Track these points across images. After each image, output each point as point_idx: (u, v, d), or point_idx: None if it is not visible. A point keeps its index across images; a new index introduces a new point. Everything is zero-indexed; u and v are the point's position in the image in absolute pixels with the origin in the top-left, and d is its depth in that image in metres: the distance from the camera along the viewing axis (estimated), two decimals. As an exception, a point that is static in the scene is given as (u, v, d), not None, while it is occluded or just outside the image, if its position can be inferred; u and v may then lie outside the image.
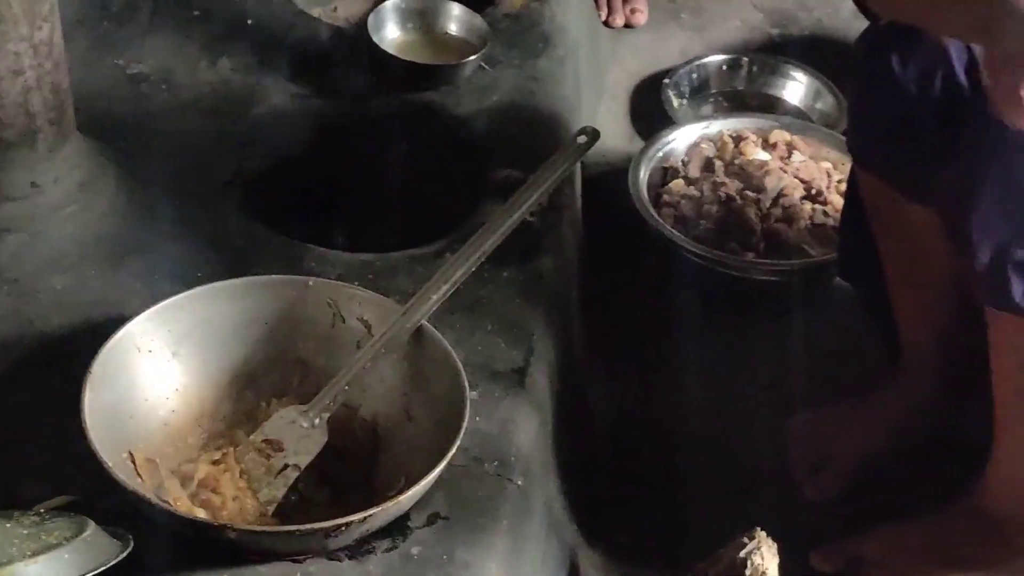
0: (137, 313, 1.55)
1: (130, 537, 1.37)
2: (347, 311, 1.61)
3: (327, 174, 2.09)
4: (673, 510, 1.93)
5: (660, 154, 2.35)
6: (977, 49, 1.53)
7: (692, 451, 2.01)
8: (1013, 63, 1.39)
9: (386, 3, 2.21)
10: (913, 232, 1.80)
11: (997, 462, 1.75)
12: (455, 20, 2.23)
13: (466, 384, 1.50)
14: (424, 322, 1.56)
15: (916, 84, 1.66)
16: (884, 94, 1.71)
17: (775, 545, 1.60)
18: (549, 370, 1.71)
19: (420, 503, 1.46)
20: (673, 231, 2.18)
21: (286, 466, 1.52)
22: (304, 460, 1.53)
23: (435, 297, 1.58)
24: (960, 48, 1.62)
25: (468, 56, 2.14)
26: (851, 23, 2.81)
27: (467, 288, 1.66)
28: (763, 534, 1.60)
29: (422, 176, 2.08)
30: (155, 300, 1.57)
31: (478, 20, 2.22)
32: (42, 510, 1.40)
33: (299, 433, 1.53)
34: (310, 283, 1.64)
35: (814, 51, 2.76)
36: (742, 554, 1.59)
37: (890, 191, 1.80)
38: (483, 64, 2.15)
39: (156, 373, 1.55)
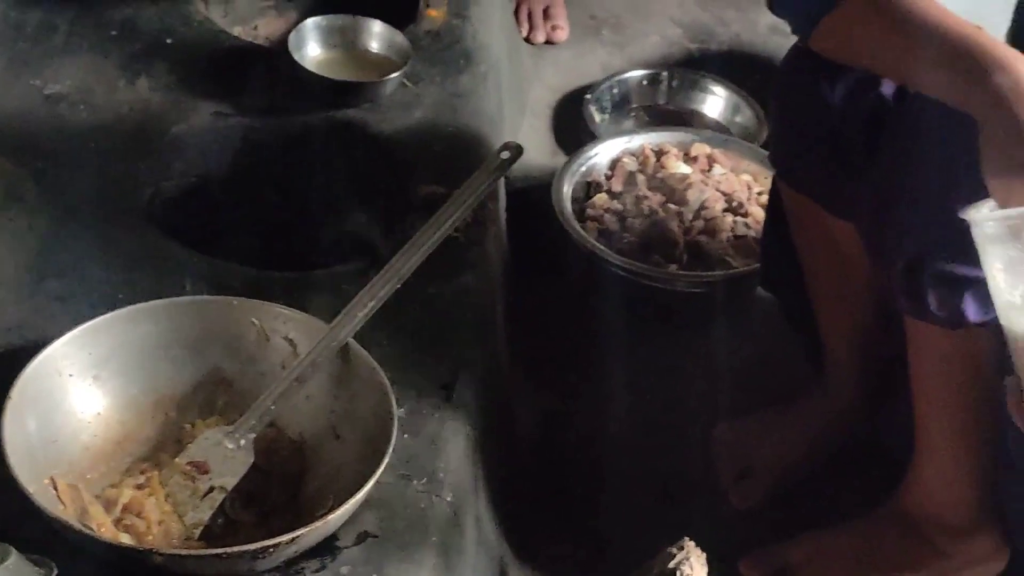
0: (57, 337, 1.53)
1: (53, 565, 1.35)
2: (272, 330, 1.60)
3: (249, 193, 2.08)
4: (601, 521, 1.93)
5: (583, 169, 2.36)
6: None
7: (619, 462, 2.02)
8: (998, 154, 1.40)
9: (307, 21, 2.20)
10: (835, 245, 1.82)
11: (918, 466, 1.77)
12: (376, 37, 2.22)
13: (393, 401, 1.50)
14: (350, 340, 1.56)
15: (843, 101, 1.67)
16: (809, 111, 1.72)
17: (704, 555, 1.61)
18: (476, 385, 1.71)
19: (349, 522, 1.46)
20: (597, 244, 2.19)
21: (212, 488, 1.51)
22: (230, 482, 1.51)
23: (361, 315, 1.58)
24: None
25: (390, 73, 2.13)
26: (768, 38, 2.85)
27: (392, 305, 1.65)
28: (691, 544, 1.61)
29: (346, 193, 2.08)
30: (75, 323, 1.55)
31: (399, 37, 2.22)
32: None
33: (225, 454, 1.52)
34: (234, 303, 1.62)
35: (733, 65, 2.79)
36: (671, 565, 1.59)
37: (812, 205, 1.81)
38: (405, 81, 2.15)
39: (77, 397, 1.53)
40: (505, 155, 1.77)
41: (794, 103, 1.77)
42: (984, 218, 1.37)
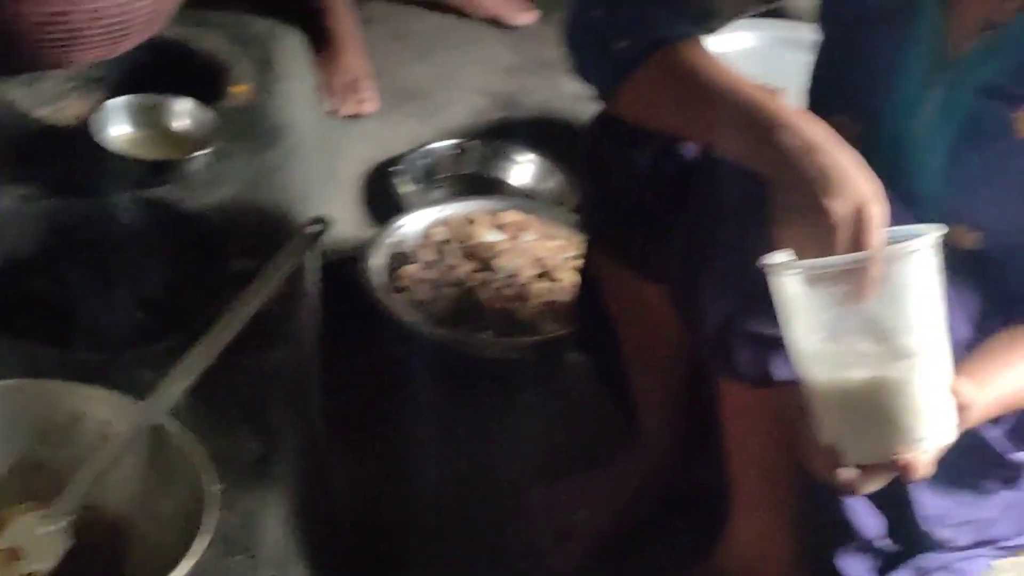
0: None
1: None
2: (84, 411, 1.58)
3: (60, 274, 2.06)
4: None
5: (393, 240, 2.38)
6: None
7: (439, 529, 2.03)
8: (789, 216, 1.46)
9: (113, 100, 2.20)
10: (646, 307, 1.84)
11: (733, 522, 1.80)
12: (183, 115, 2.22)
13: (209, 477, 1.50)
14: (165, 417, 1.55)
15: (648, 165, 1.70)
16: (615, 176, 1.74)
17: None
18: (292, 457, 1.71)
19: (169, 599, 1.45)
20: (409, 315, 2.21)
21: (29, 574, 1.49)
22: (47, 565, 1.49)
23: (175, 391, 1.57)
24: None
25: (197, 150, 2.13)
26: (573, 104, 2.90)
27: (207, 380, 1.65)
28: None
29: (157, 271, 2.07)
30: None
31: (206, 114, 2.22)
32: None
33: (41, 538, 1.50)
34: (46, 385, 1.61)
35: (540, 133, 2.83)
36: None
37: (624, 269, 1.83)
38: (213, 158, 2.15)
39: None
40: (313, 229, 1.79)
41: (601, 168, 1.79)
42: (780, 268, 1.42)
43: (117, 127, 2.18)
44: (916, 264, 1.41)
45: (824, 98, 1.79)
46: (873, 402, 1.43)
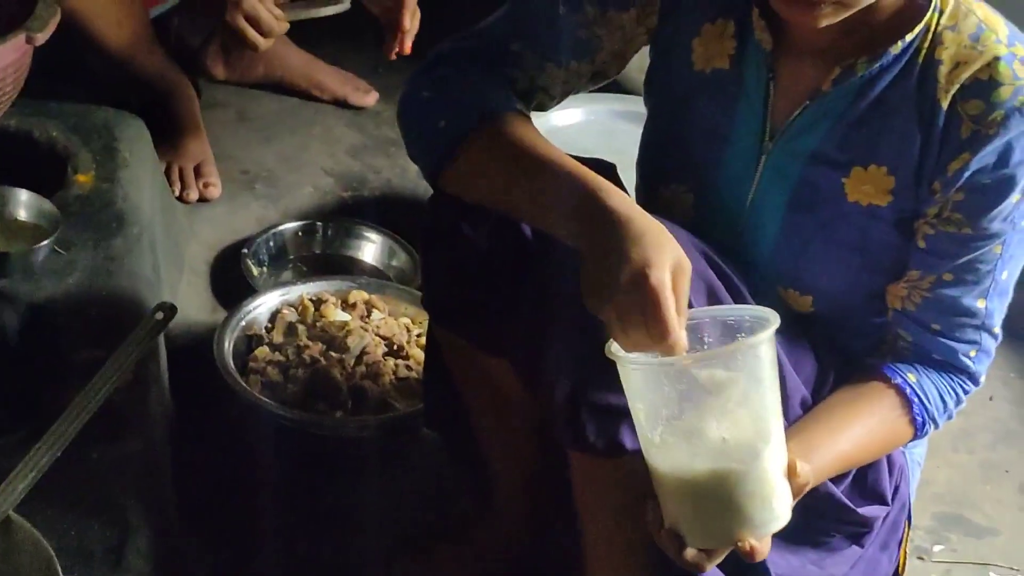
0: None
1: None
2: (-71, 511, 1.56)
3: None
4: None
5: (243, 323, 2.38)
6: None
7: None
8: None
9: (-49, 193, 2.18)
10: (492, 382, 1.86)
11: None
12: (23, 206, 2.20)
13: (59, 570, 1.49)
14: (11, 512, 1.54)
15: (487, 240, 1.71)
16: (455, 252, 1.76)
17: None
18: (145, 547, 1.70)
19: None
20: (261, 397, 2.21)
21: None
22: None
23: (21, 486, 1.57)
24: None
25: (40, 241, 2.12)
26: (419, 182, 2.93)
27: (56, 473, 1.64)
28: None
29: (0, 365, 2.04)
30: None
31: (47, 204, 2.20)
32: None
33: None
34: None
35: (386, 211, 2.86)
36: None
37: (467, 345, 1.85)
38: (56, 248, 2.13)
39: None
40: (160, 315, 1.79)
41: (440, 245, 1.80)
42: (625, 359, 1.45)
43: (-43, 220, 2.16)
44: (756, 357, 1.44)
45: (657, 169, 1.85)
46: (716, 492, 1.46)
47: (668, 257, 1.46)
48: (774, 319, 1.45)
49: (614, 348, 1.46)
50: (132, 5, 2.73)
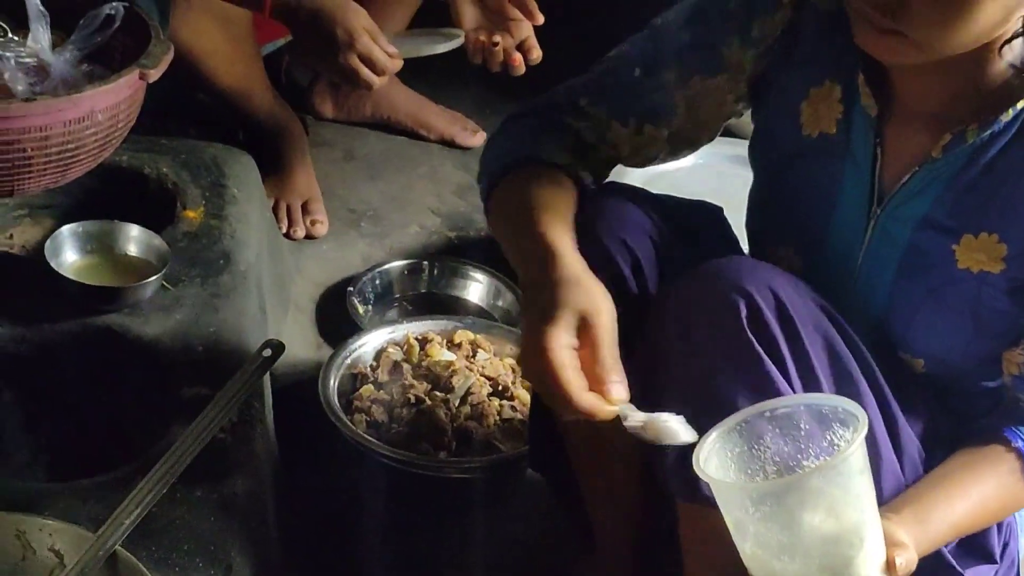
0: None
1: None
2: (37, 542, 1.58)
3: (9, 404, 2.05)
4: None
5: (349, 360, 2.38)
6: None
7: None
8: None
9: (63, 228, 2.20)
10: (596, 425, 1.85)
11: None
12: (134, 241, 2.23)
13: (164, 609, 1.49)
14: (118, 547, 1.55)
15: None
16: None
17: None
18: (249, 586, 1.70)
19: None
20: (366, 436, 2.20)
21: None
22: None
23: (128, 522, 1.57)
24: (623, 250, 1.71)
25: (148, 277, 2.13)
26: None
27: (161, 510, 1.65)
28: None
29: (108, 400, 2.06)
30: None
31: (157, 240, 2.22)
32: None
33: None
34: (-3, 516, 1.60)
35: (492, 251, 2.84)
36: None
37: None
38: (165, 283, 2.15)
39: None
40: (267, 353, 1.79)
41: None
42: (705, 476, 1.41)
43: (68, 254, 2.18)
44: (846, 469, 1.39)
45: (764, 231, 1.84)
46: None
47: (565, 317, 1.48)
48: (863, 420, 1.40)
49: (701, 461, 1.42)
50: (245, 43, 2.76)
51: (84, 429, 2.05)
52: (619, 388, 1.49)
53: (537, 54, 2.40)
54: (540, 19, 2.36)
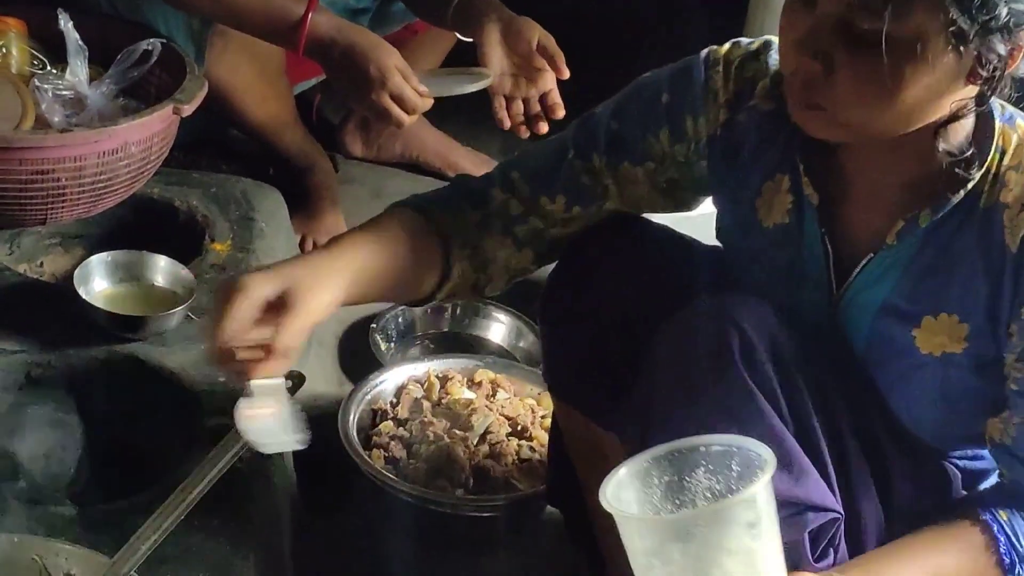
0: None
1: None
2: (54, 567, 1.59)
3: (32, 429, 2.07)
4: None
5: (369, 396, 2.39)
6: None
7: None
8: None
9: (93, 257, 2.23)
10: (605, 457, 1.83)
11: None
12: (161, 272, 2.25)
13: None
14: (133, 573, 1.55)
15: (603, 317, 1.75)
16: (572, 327, 1.80)
17: None
18: (262, 616, 1.71)
19: None
20: (384, 472, 2.22)
21: None
22: None
23: (144, 548, 1.57)
24: (637, 284, 1.74)
25: (175, 307, 2.16)
26: (549, 266, 2.93)
27: (177, 537, 1.65)
28: None
29: (130, 427, 2.08)
30: None
31: (183, 271, 2.25)
32: None
33: None
34: (14, 539, 1.61)
35: (515, 292, 2.84)
36: None
37: (583, 419, 1.87)
38: (190, 314, 2.18)
39: None
40: (288, 384, 1.80)
41: (558, 318, 1.85)
42: (611, 508, 1.36)
43: (97, 282, 2.21)
44: (724, 522, 1.33)
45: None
46: None
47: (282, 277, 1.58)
48: (770, 462, 1.34)
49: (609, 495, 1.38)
50: (277, 82, 2.79)
51: (106, 455, 2.06)
52: (273, 366, 1.57)
53: (560, 112, 2.42)
54: (566, 74, 2.39)
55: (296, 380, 1.81)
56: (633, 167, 1.79)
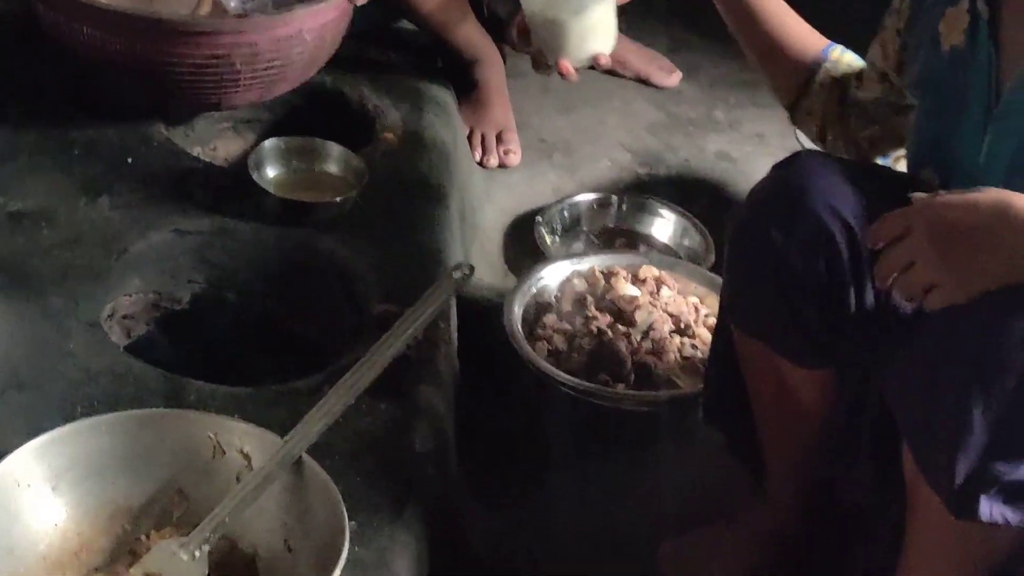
0: (16, 447, 1.54)
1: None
2: (227, 443, 1.62)
3: (206, 308, 2.11)
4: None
5: (534, 289, 2.39)
6: None
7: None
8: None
9: (266, 142, 2.25)
10: (790, 389, 1.85)
11: None
12: (333, 159, 2.27)
13: (345, 515, 1.52)
14: (304, 454, 1.58)
15: (799, 260, 1.70)
16: (764, 265, 1.73)
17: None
18: (427, 501, 1.73)
19: (300, 634, 1.47)
20: (546, 364, 2.23)
21: (167, 600, 1.53)
22: (185, 592, 1.53)
23: (315, 429, 1.60)
24: (844, 236, 1.69)
25: (346, 194, 2.18)
26: (716, 163, 2.92)
27: (346, 420, 1.68)
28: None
29: (301, 310, 2.11)
30: (34, 435, 1.56)
31: (355, 159, 2.27)
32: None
33: (179, 565, 1.53)
34: (190, 416, 1.66)
35: (681, 190, 2.84)
36: None
37: (766, 350, 1.83)
38: (360, 201, 2.19)
39: (35, 507, 1.55)
40: (457, 275, 1.81)
41: (748, 254, 1.78)
42: None
43: (269, 168, 2.24)
44: None
45: (915, 155, 1.84)
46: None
47: None
48: None
49: None
50: (449, -27, 2.78)
51: (275, 337, 2.10)
52: None
53: None
54: None
55: (465, 271, 1.82)
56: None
